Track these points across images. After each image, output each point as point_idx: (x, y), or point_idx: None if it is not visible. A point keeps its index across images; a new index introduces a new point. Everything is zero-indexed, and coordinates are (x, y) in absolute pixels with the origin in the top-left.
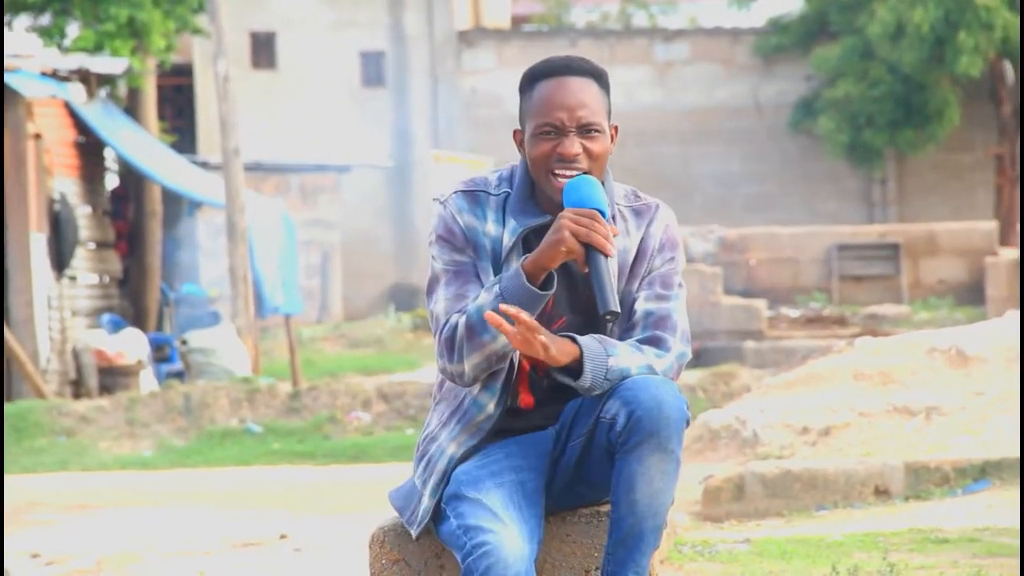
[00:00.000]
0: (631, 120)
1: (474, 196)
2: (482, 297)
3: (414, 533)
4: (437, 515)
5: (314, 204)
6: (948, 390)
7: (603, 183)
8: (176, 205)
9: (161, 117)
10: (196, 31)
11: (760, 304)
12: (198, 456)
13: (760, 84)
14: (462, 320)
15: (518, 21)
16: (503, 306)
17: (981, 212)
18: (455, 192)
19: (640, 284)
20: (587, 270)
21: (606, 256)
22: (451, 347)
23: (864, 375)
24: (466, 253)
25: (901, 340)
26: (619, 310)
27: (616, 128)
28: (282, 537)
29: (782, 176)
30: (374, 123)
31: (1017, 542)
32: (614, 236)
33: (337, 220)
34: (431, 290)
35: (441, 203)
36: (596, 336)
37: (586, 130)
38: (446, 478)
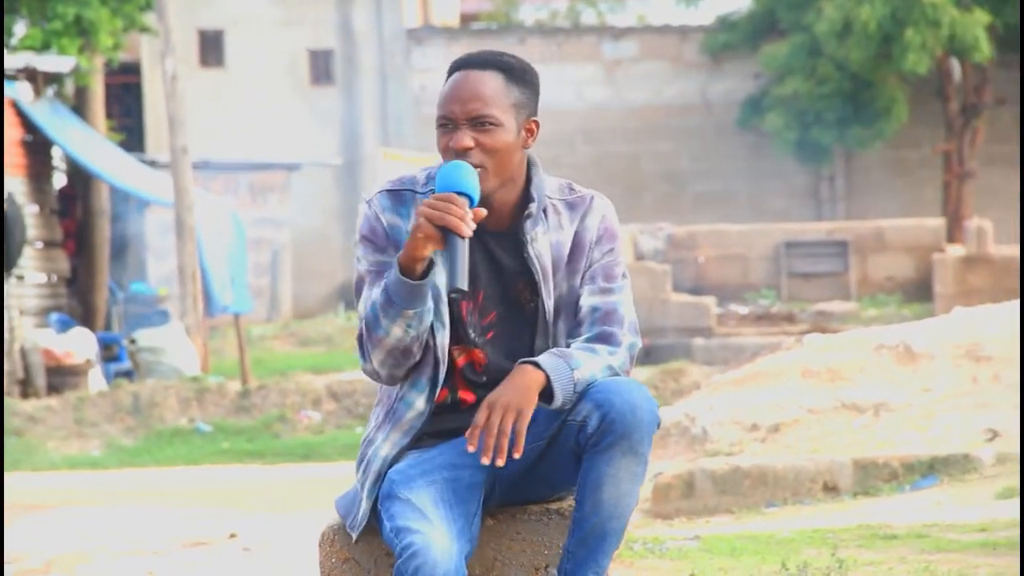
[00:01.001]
0: (580, 118)
1: (399, 195)
2: (375, 294)
3: (354, 536)
4: (378, 517)
5: (263, 202)
6: (896, 387)
7: (531, 176)
8: (124, 204)
9: (109, 116)
10: (144, 29)
11: (709, 301)
12: (147, 455)
13: (709, 82)
14: (364, 319)
15: (467, 19)
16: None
17: (929, 209)
18: (380, 192)
19: (583, 279)
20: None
21: (461, 237)
22: (361, 346)
23: (813, 372)
24: (388, 253)
25: (849, 337)
26: (466, 288)
27: (536, 123)
28: (231, 536)
29: (731, 174)
30: (323, 121)
31: (964, 537)
32: (475, 221)
33: (286, 218)
34: (357, 291)
35: (366, 202)
36: (555, 352)
37: (478, 123)
38: (381, 479)
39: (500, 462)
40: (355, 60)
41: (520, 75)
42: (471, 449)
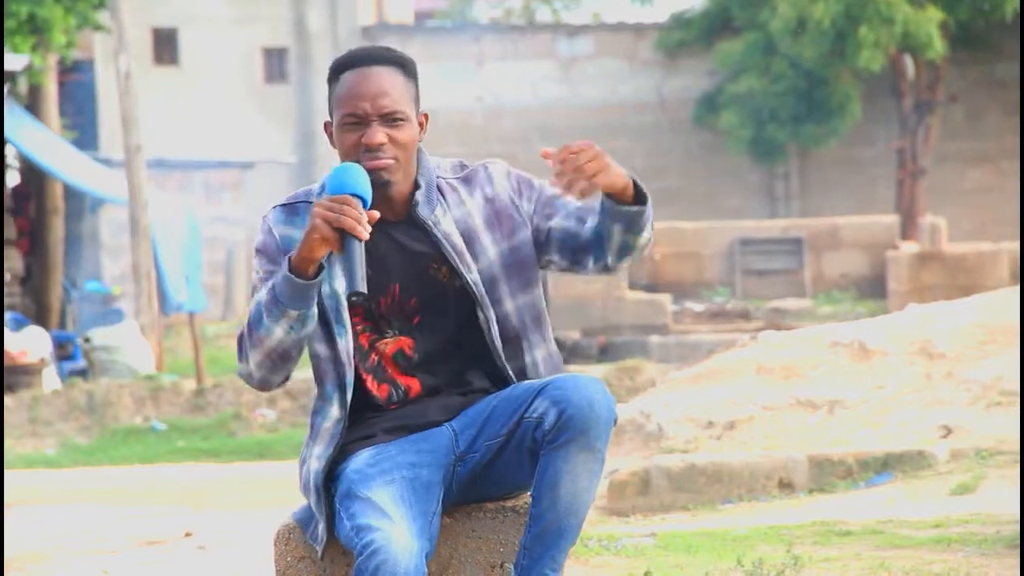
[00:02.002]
0: (535, 116)
1: (292, 208)
2: (260, 293)
3: (319, 551)
4: (335, 516)
5: (218, 201)
6: (851, 384)
7: (418, 163)
8: (78, 202)
9: (62, 114)
10: (97, 27)
11: (664, 299)
12: (102, 454)
13: (663, 79)
14: (247, 318)
15: (421, 17)
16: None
17: (882, 206)
18: (275, 206)
19: (535, 220)
20: (341, 254)
21: (359, 240)
22: (240, 347)
23: (767, 369)
24: (279, 264)
25: (804, 334)
26: (365, 291)
27: (426, 116)
28: (187, 535)
29: (685, 171)
30: (277, 119)
31: (919, 534)
32: (370, 221)
33: (241, 217)
34: (251, 300)
35: (263, 217)
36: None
37: (390, 119)
38: (323, 494)
39: (571, 193)
40: (309, 58)
41: (412, 70)
42: (551, 163)
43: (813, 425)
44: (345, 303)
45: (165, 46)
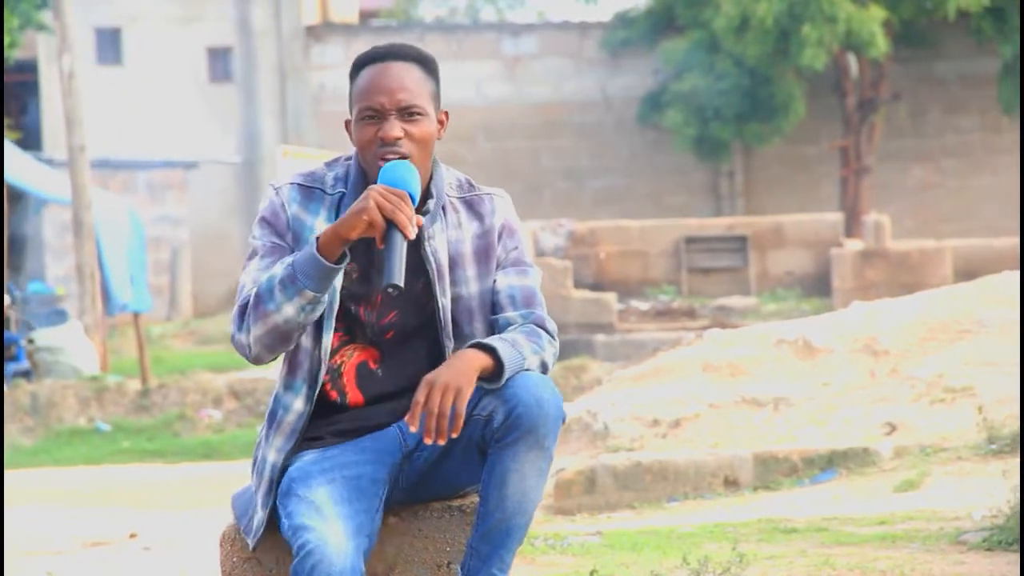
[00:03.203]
0: (480, 114)
1: (309, 191)
2: (276, 268)
3: (251, 544)
4: (277, 516)
5: (162, 201)
6: (796, 381)
7: (432, 171)
8: (21, 202)
9: (5, 114)
10: (40, 27)
11: (610, 297)
12: (46, 455)
13: (608, 78)
14: (255, 291)
15: (366, 16)
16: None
17: (826, 204)
18: (292, 183)
19: (496, 275)
20: (382, 245)
21: (405, 237)
22: (241, 316)
23: (713, 367)
24: (286, 239)
25: (749, 332)
26: (402, 285)
27: (446, 114)
28: (132, 536)
29: (630, 170)
30: (222, 119)
31: (863, 530)
32: (419, 226)
33: (185, 217)
34: (246, 263)
35: (275, 189)
36: (503, 336)
37: (407, 113)
38: (274, 487)
39: (441, 441)
40: (254, 57)
41: (432, 67)
42: (413, 428)
43: (758, 423)
44: (337, 301)
45: (109, 46)
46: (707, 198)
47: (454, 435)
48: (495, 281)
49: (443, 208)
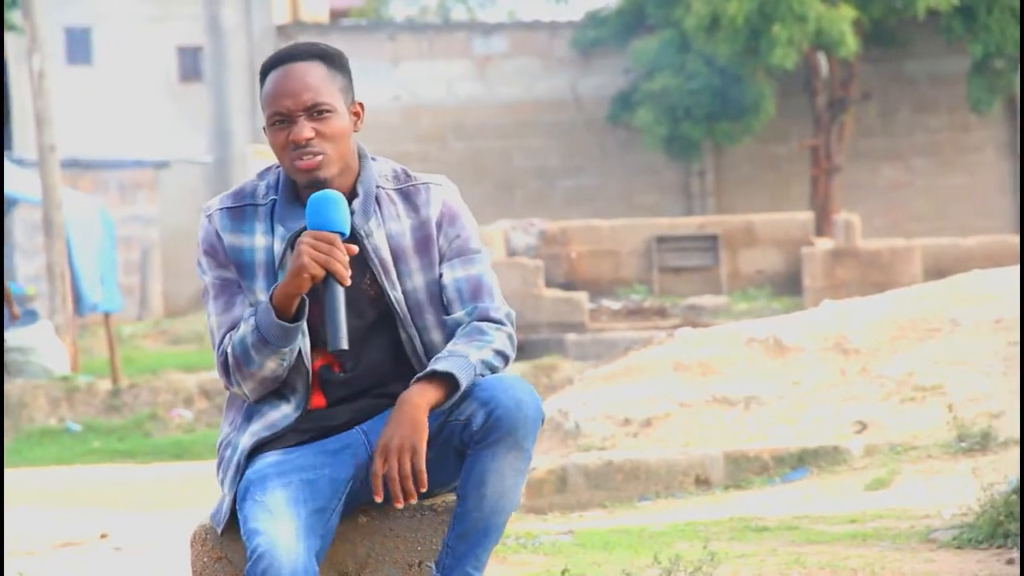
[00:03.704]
0: (451, 114)
1: (240, 212)
2: (242, 329)
3: (219, 529)
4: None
5: (132, 200)
6: (767, 380)
7: (360, 165)
8: None
9: None
10: (10, 27)
11: (581, 297)
12: (17, 456)
13: (579, 77)
14: (229, 350)
15: (337, 15)
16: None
17: (797, 203)
18: (220, 208)
19: (440, 266)
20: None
21: (343, 285)
22: (227, 372)
23: (684, 366)
24: (229, 269)
25: (720, 331)
26: (347, 348)
27: (361, 106)
28: (102, 536)
29: (601, 169)
30: (193, 118)
31: (834, 529)
32: (349, 255)
33: (156, 216)
34: (204, 301)
35: (207, 216)
36: (443, 354)
37: (315, 112)
38: (241, 471)
39: (412, 501)
40: (224, 57)
41: (337, 60)
42: (378, 499)
43: (729, 422)
44: (306, 306)
45: (78, 45)
46: (678, 197)
47: (423, 489)
48: (441, 275)
49: (379, 201)
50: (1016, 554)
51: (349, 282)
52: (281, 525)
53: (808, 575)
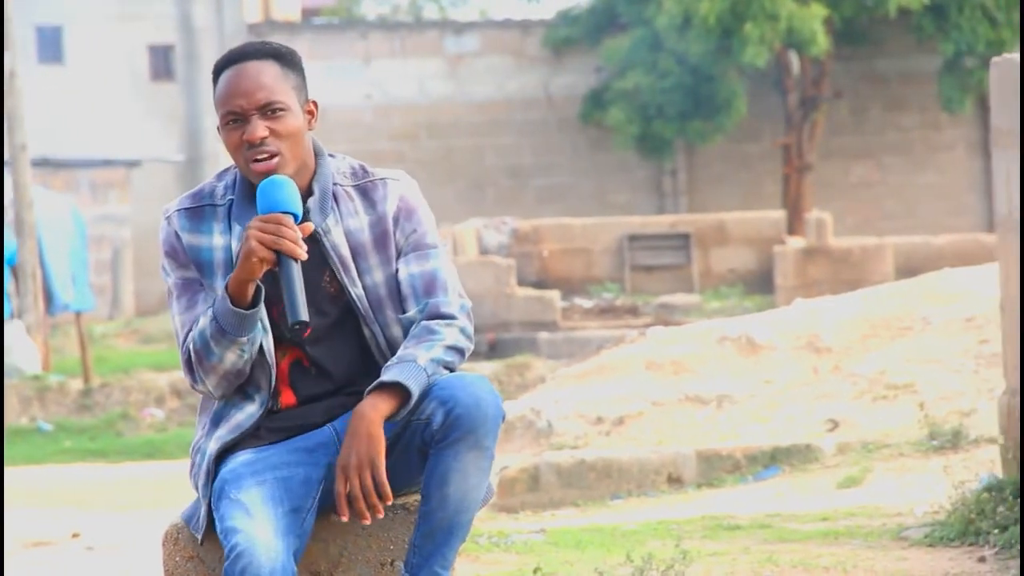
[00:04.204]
0: (423, 112)
1: (198, 212)
2: (201, 322)
3: (199, 537)
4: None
5: (104, 199)
6: (739, 378)
7: (316, 163)
8: None
9: None
10: None
11: (553, 295)
12: None
13: (551, 76)
14: (191, 346)
15: (308, 14)
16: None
17: (769, 202)
18: (179, 210)
19: (397, 261)
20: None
21: (296, 260)
22: (190, 368)
23: (657, 365)
24: (190, 269)
25: (692, 329)
26: (307, 319)
27: (315, 104)
28: (74, 536)
29: (573, 167)
30: (164, 117)
31: (806, 527)
32: (304, 235)
33: (128, 215)
34: (168, 302)
35: (166, 218)
36: (392, 361)
37: (268, 111)
38: (212, 476)
39: (380, 516)
40: (196, 55)
41: (290, 59)
42: (344, 519)
43: (702, 420)
44: (262, 293)
45: (49, 44)
46: (650, 196)
47: (388, 503)
48: (397, 270)
49: (336, 198)
50: (987, 552)
51: (304, 256)
52: (259, 524)
53: (780, 573)
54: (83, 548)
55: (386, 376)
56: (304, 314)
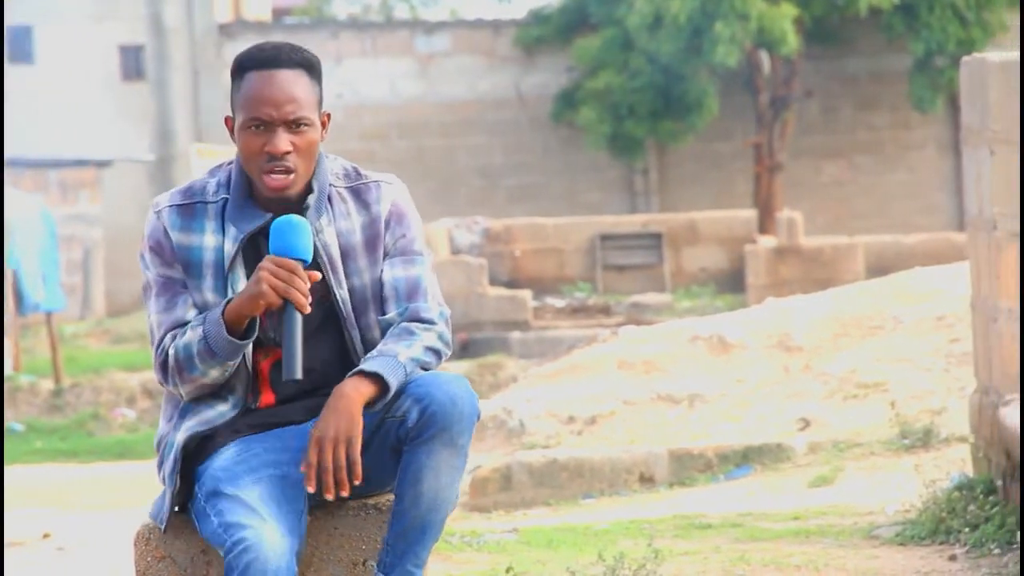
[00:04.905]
0: (394, 112)
1: (190, 209)
2: (188, 335)
3: (162, 527)
4: (199, 515)
5: (74, 199)
6: (710, 377)
7: (315, 168)
8: None
9: None
10: None
11: (525, 295)
12: None
13: (522, 76)
14: (172, 352)
15: (279, 13)
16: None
17: (740, 201)
18: (169, 206)
19: (382, 265)
20: (282, 326)
21: (302, 313)
22: (165, 372)
23: (628, 364)
24: (175, 268)
25: (664, 328)
26: (300, 378)
27: (328, 116)
28: (45, 536)
29: (545, 167)
30: (135, 117)
31: (778, 526)
32: (309, 280)
33: (98, 215)
34: (145, 297)
35: (155, 212)
36: (373, 353)
37: (295, 125)
38: (178, 464)
39: (344, 494)
40: (166, 55)
41: (318, 70)
42: (311, 490)
43: (673, 419)
44: (256, 325)
45: (20, 44)
46: (621, 195)
47: (357, 482)
48: (382, 272)
49: (330, 199)
50: (958, 550)
51: (308, 310)
52: (265, 520)
53: (752, 572)
54: (54, 548)
55: (366, 366)
56: (299, 373)
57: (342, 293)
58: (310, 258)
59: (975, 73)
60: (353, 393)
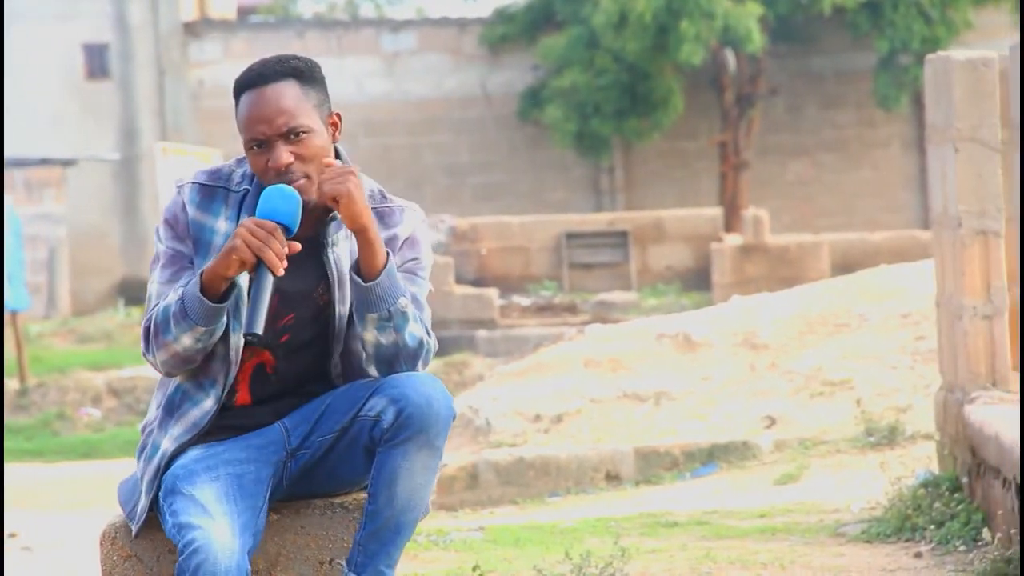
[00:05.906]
0: (360, 111)
1: (211, 191)
2: (170, 297)
3: (134, 530)
4: (160, 513)
5: (39, 199)
6: (676, 375)
7: None
8: None
9: None
10: None
11: (492, 293)
12: None
13: (488, 74)
14: (152, 316)
15: (244, 12)
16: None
17: (706, 199)
18: (194, 182)
19: None
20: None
21: (274, 275)
22: (147, 337)
23: (594, 362)
24: (186, 243)
25: (630, 327)
26: (260, 333)
27: (338, 116)
28: (11, 535)
29: (511, 165)
30: (100, 116)
31: (744, 524)
32: (290, 253)
33: (63, 215)
34: (152, 267)
35: (178, 188)
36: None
37: (292, 135)
38: (160, 474)
39: (307, 198)
40: (131, 54)
41: (310, 75)
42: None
43: (639, 417)
44: (245, 299)
45: None
46: (587, 194)
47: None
48: None
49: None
50: (924, 547)
51: (281, 272)
52: (216, 520)
53: (718, 570)
54: (20, 548)
55: (387, 273)
56: (259, 328)
57: (342, 308)
58: (295, 227)
59: (939, 71)
60: (369, 222)
